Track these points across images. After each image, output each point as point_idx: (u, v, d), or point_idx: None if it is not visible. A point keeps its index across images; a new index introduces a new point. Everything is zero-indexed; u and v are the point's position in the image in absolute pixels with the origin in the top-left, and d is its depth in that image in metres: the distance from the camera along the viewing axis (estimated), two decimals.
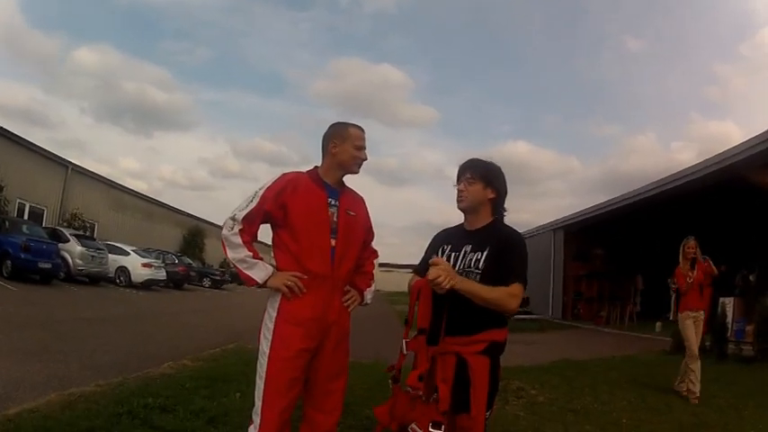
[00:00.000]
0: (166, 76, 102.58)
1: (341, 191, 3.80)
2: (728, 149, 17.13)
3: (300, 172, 3.80)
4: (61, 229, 26.79)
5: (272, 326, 3.53)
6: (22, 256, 20.50)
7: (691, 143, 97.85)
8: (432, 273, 2.97)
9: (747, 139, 16.18)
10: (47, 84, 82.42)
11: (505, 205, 3.58)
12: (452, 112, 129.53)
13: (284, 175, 3.73)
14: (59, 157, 34.82)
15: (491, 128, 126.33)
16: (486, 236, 3.36)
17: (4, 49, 66.94)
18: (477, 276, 3.21)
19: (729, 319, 14.66)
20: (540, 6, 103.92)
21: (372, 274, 4.14)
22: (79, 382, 6.91)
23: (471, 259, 3.28)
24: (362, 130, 3.85)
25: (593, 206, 27.04)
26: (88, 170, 38.88)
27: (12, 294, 17.38)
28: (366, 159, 3.82)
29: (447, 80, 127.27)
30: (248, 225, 3.56)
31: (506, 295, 3.12)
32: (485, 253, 3.25)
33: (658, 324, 20.64)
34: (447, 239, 3.53)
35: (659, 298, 23.75)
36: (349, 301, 3.77)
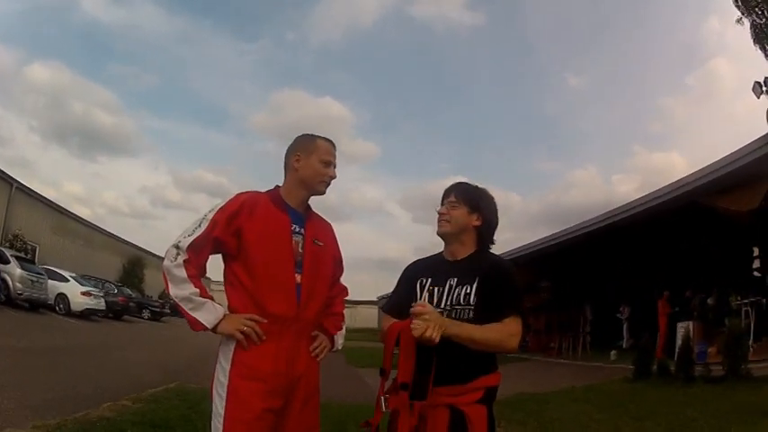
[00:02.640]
0: (113, 100, 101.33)
1: (306, 216, 3.28)
2: (676, 181, 17.53)
3: (258, 192, 3.25)
4: (3, 249, 25.81)
5: (225, 381, 2.94)
6: None
7: (632, 175, 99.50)
8: (417, 326, 2.60)
9: (694, 170, 16.62)
10: (1, 99, 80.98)
11: (494, 237, 3.22)
12: (393, 149, 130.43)
13: (239, 195, 3.16)
14: (4, 174, 33.98)
15: (430, 164, 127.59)
16: (472, 266, 3.00)
17: None
18: (470, 312, 2.86)
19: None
20: (481, 43, 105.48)
21: (343, 315, 3.59)
22: (16, 422, 6.40)
23: (459, 294, 2.92)
24: (333, 144, 3.34)
25: (539, 239, 27.15)
26: (33, 190, 38.03)
27: None
28: (335, 177, 3.29)
29: (388, 116, 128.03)
30: (195, 255, 2.97)
31: (506, 334, 2.81)
32: (474, 285, 2.90)
33: (613, 352, 20.51)
34: (425, 272, 3.12)
35: (609, 327, 24.12)
36: (318, 349, 3.20)
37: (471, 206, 3.10)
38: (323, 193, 3.29)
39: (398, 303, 3.07)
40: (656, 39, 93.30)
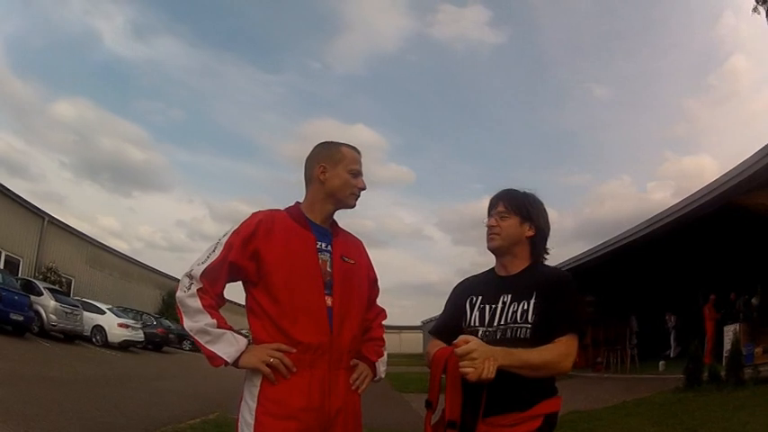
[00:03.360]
0: (142, 135, 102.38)
1: (333, 231, 2.93)
2: (710, 183, 17.17)
3: (277, 209, 2.91)
4: (35, 281, 25.77)
5: (252, 422, 2.58)
6: None
7: (666, 181, 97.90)
8: (468, 370, 2.26)
9: (725, 171, 16.31)
10: (25, 134, 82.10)
11: (548, 247, 2.88)
12: (426, 172, 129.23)
13: (255, 214, 2.82)
14: (36, 208, 34.07)
15: (464, 186, 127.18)
16: (528, 280, 2.68)
17: None
18: (527, 332, 2.54)
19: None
20: (504, 60, 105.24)
21: (383, 340, 3.16)
22: None
23: (516, 311, 2.61)
24: (359, 152, 3.00)
25: (580, 254, 26.71)
26: (65, 223, 38.02)
27: None
28: (365, 188, 2.94)
29: (418, 140, 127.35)
30: (210, 283, 2.66)
31: (561, 355, 2.48)
32: (532, 301, 2.60)
33: (662, 363, 20.07)
34: (475, 289, 2.82)
35: (655, 337, 23.63)
36: (358, 381, 2.83)
37: (522, 215, 2.80)
38: (353, 205, 2.96)
39: (446, 325, 2.84)
40: (673, 41, 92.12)
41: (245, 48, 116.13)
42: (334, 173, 2.86)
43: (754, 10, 15.11)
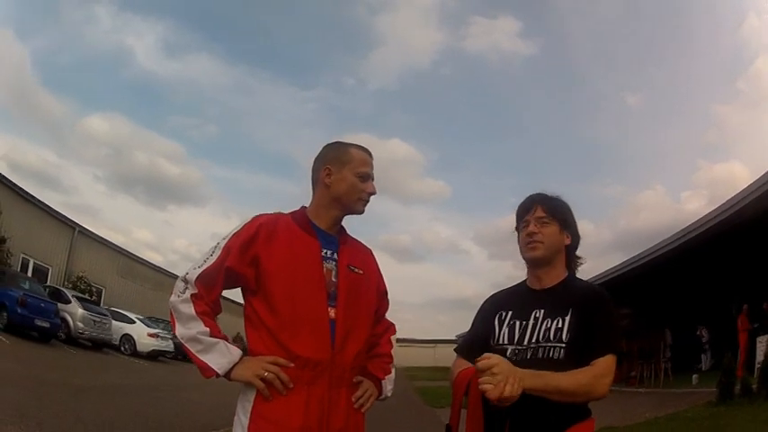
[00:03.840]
0: (178, 150, 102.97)
1: (340, 239, 2.73)
2: (743, 190, 16.95)
3: (281, 213, 2.74)
4: (63, 289, 26.01)
5: None
6: (19, 310, 19.47)
7: (700, 190, 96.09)
8: (487, 387, 2.07)
9: (756, 179, 16.04)
10: (57, 148, 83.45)
11: (578, 253, 2.68)
12: (461, 186, 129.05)
13: (257, 217, 2.65)
14: (66, 218, 34.47)
15: (499, 199, 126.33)
16: (563, 295, 2.47)
17: (16, 106, 67.09)
18: (561, 352, 2.33)
19: None
20: (536, 71, 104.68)
21: (391, 356, 2.95)
22: None
23: (549, 329, 2.40)
24: (369, 154, 2.80)
25: (615, 266, 26.30)
26: (95, 234, 38.36)
27: (2, 346, 16.62)
28: (374, 193, 2.74)
29: (453, 154, 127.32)
30: (205, 289, 2.50)
31: (596, 378, 2.25)
32: (567, 318, 2.39)
33: (695, 377, 19.68)
34: (505, 304, 2.61)
35: (689, 350, 23.19)
36: (362, 399, 2.63)
37: (562, 222, 2.60)
38: (361, 211, 2.75)
39: (472, 343, 2.65)
40: (700, 46, 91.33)
41: (279, 65, 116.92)
42: (340, 176, 2.69)
43: None
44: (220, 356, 2.44)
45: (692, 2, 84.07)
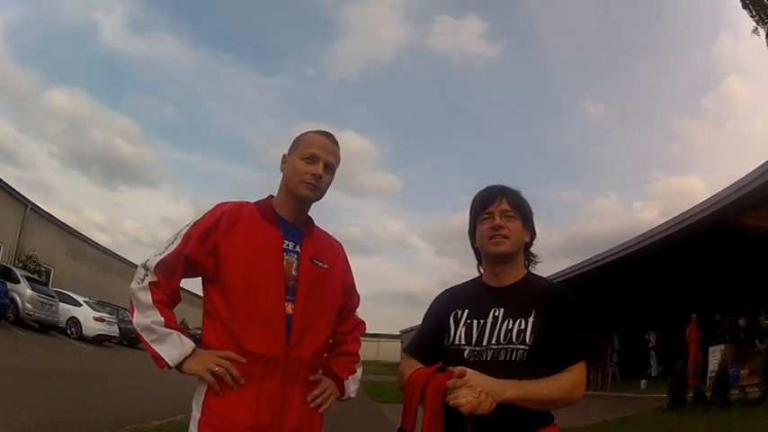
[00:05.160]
0: (134, 129, 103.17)
1: (305, 230, 2.63)
2: (703, 201, 17.29)
3: (245, 202, 2.64)
4: (13, 268, 25.47)
5: None
6: None
7: (654, 201, 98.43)
8: (464, 400, 2.01)
9: (714, 193, 16.51)
10: (19, 121, 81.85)
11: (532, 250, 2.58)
12: (414, 182, 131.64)
13: (219, 205, 2.56)
14: (19, 194, 33.74)
15: (451, 197, 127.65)
16: (524, 294, 2.37)
17: None
18: (524, 355, 2.23)
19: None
20: (499, 74, 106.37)
21: (358, 356, 2.86)
22: None
23: (511, 330, 2.29)
24: (328, 136, 2.63)
25: (563, 270, 26.47)
26: (47, 213, 37.73)
27: None
28: (318, 175, 2.52)
29: (408, 150, 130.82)
30: (164, 277, 2.43)
31: (574, 385, 2.19)
32: (530, 320, 2.27)
33: (643, 382, 19.97)
34: (460, 301, 2.48)
35: (636, 356, 23.45)
36: (320, 399, 2.53)
37: (524, 218, 2.49)
38: (306, 195, 2.56)
39: (424, 342, 2.55)
40: (671, 61, 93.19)
41: (243, 50, 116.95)
42: (290, 162, 2.60)
43: (754, 31, 15.04)
44: (172, 348, 2.36)
45: (666, 15, 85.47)
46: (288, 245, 2.52)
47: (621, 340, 24.01)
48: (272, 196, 2.67)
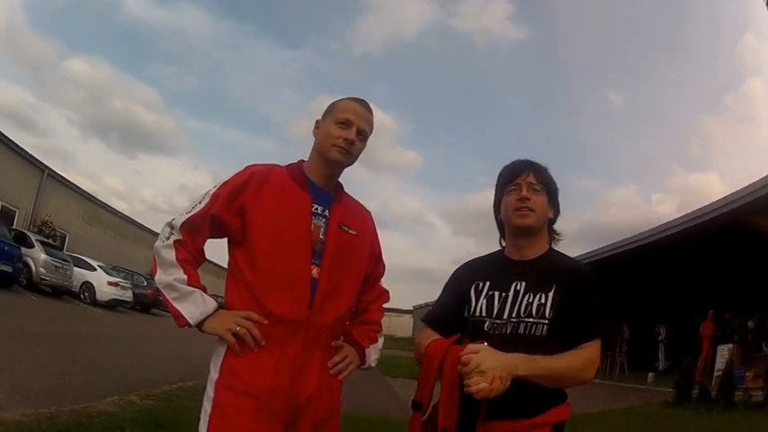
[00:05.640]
0: (155, 98, 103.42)
1: (335, 196, 2.61)
2: (720, 199, 17.04)
3: (276, 165, 2.62)
4: (28, 233, 25.48)
5: (212, 394, 2.34)
6: None
7: (672, 195, 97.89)
8: (476, 385, 2.00)
9: (732, 191, 16.28)
10: (38, 89, 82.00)
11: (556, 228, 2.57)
12: (434, 160, 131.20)
13: (249, 167, 2.55)
14: (36, 160, 33.79)
15: (470, 178, 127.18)
16: (546, 270, 2.36)
17: (2, 47, 65.76)
18: (544, 329, 2.23)
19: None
20: (523, 57, 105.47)
21: (380, 325, 2.82)
22: (4, 406, 5.87)
23: (531, 303, 2.28)
24: (362, 103, 2.62)
25: (579, 256, 25.23)
26: (64, 178, 37.75)
27: None
28: (351, 140, 2.50)
29: (430, 129, 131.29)
30: (190, 236, 2.42)
31: (587, 362, 2.19)
32: (550, 294, 2.28)
33: (651, 375, 19.92)
34: (482, 273, 2.47)
35: (645, 348, 23.46)
36: (340, 366, 2.51)
37: (550, 193, 2.48)
38: (337, 159, 2.54)
39: (443, 314, 2.51)
40: (695, 56, 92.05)
41: (268, 22, 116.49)
42: (323, 127, 2.58)
43: None
44: (194, 306, 2.35)
45: (693, 11, 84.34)
46: (317, 209, 2.51)
47: (632, 331, 23.90)
48: (303, 161, 2.66)
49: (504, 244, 2.61)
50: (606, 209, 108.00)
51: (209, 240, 2.53)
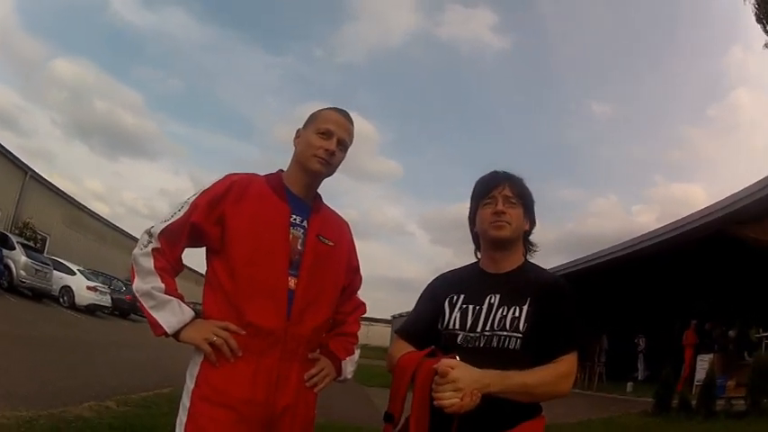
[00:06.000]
0: (137, 101, 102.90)
1: (313, 206, 2.60)
2: (703, 209, 17.24)
3: (255, 174, 2.61)
4: (10, 235, 25.29)
5: (187, 404, 2.31)
6: None
7: (652, 206, 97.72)
8: (446, 399, 2.00)
9: (720, 200, 16.29)
10: (24, 89, 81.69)
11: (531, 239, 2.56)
12: (415, 169, 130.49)
13: (229, 175, 2.53)
14: (19, 161, 33.45)
15: (450, 188, 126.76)
16: (521, 282, 2.34)
17: None
18: (517, 342, 2.21)
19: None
20: (507, 67, 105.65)
21: (357, 337, 2.81)
22: None
23: (505, 317, 2.26)
24: (343, 114, 2.61)
25: (557, 266, 25.69)
26: (47, 180, 37.48)
27: None
28: (331, 151, 2.50)
29: (411, 137, 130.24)
30: (168, 244, 2.39)
31: (561, 376, 2.19)
32: (524, 308, 2.25)
33: (629, 384, 19.97)
34: (456, 286, 2.45)
35: (624, 358, 23.47)
36: (316, 378, 2.49)
37: (525, 206, 2.46)
38: (317, 170, 2.53)
39: (417, 326, 2.49)
40: (680, 68, 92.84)
41: (253, 28, 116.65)
42: (304, 136, 2.56)
43: (766, 45, 14.97)
44: (171, 315, 2.33)
45: (678, 22, 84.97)
46: (295, 219, 2.49)
47: (611, 342, 24.01)
48: (282, 171, 2.64)
49: (479, 256, 2.59)
50: (586, 219, 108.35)
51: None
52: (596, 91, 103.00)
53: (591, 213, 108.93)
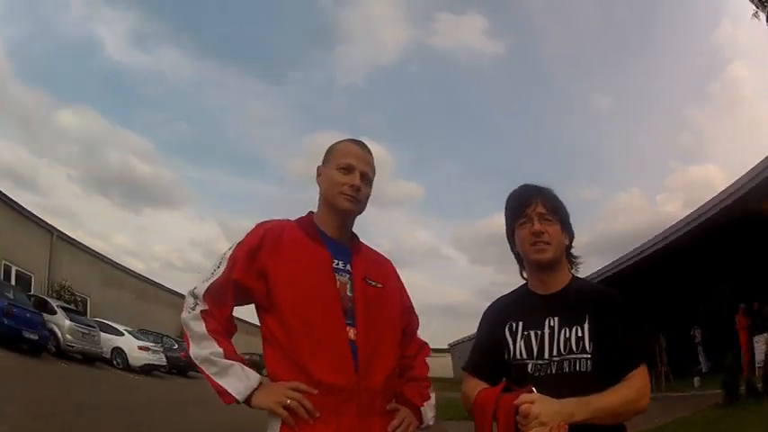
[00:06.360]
0: (148, 148, 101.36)
1: (353, 248, 2.50)
2: (721, 192, 17.40)
3: (286, 220, 2.52)
4: (49, 299, 25.19)
5: None
6: (5, 321, 18.60)
7: (675, 193, 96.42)
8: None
9: (733, 181, 16.60)
10: (31, 144, 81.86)
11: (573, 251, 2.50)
12: (436, 188, 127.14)
13: (260, 225, 2.44)
14: (44, 222, 33.50)
15: (474, 202, 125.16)
16: (575, 301, 2.32)
17: None
18: (588, 364, 2.19)
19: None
20: (505, 72, 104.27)
21: (429, 380, 2.68)
22: None
23: (568, 339, 2.23)
24: (360, 145, 2.55)
25: (597, 270, 25.67)
26: (74, 239, 37.46)
27: None
28: (356, 185, 2.41)
29: (425, 155, 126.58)
30: (215, 305, 2.31)
31: (640, 392, 2.15)
32: (585, 326, 2.23)
33: (696, 379, 19.60)
34: (512, 313, 2.42)
35: (685, 353, 23.15)
36: (399, 430, 2.35)
37: (563, 221, 2.40)
38: (346, 208, 2.44)
39: (484, 360, 2.48)
40: (672, 50, 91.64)
41: (247, 59, 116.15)
42: (325, 174, 2.50)
43: (755, 15, 14.82)
44: (237, 381, 2.24)
45: (664, 5, 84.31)
46: (337, 264, 2.39)
47: (667, 339, 23.77)
48: (313, 212, 2.56)
49: (525, 276, 2.54)
50: (615, 216, 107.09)
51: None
52: (596, 84, 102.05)
53: (618, 210, 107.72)
